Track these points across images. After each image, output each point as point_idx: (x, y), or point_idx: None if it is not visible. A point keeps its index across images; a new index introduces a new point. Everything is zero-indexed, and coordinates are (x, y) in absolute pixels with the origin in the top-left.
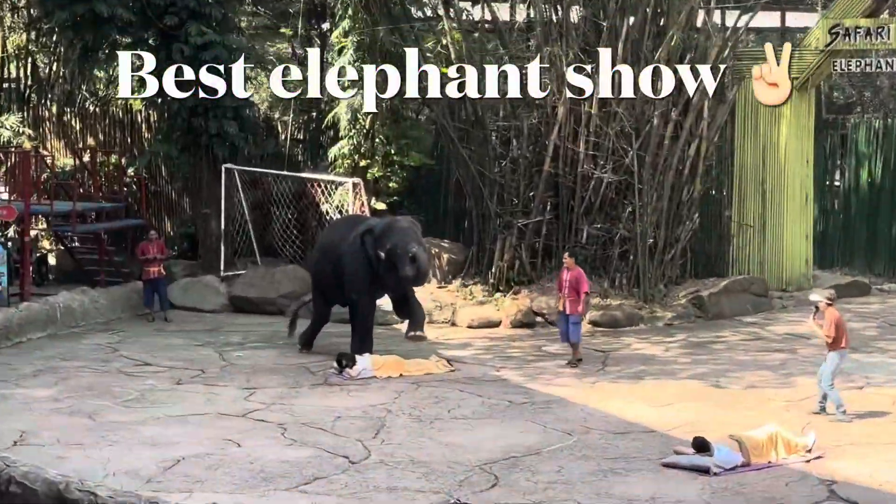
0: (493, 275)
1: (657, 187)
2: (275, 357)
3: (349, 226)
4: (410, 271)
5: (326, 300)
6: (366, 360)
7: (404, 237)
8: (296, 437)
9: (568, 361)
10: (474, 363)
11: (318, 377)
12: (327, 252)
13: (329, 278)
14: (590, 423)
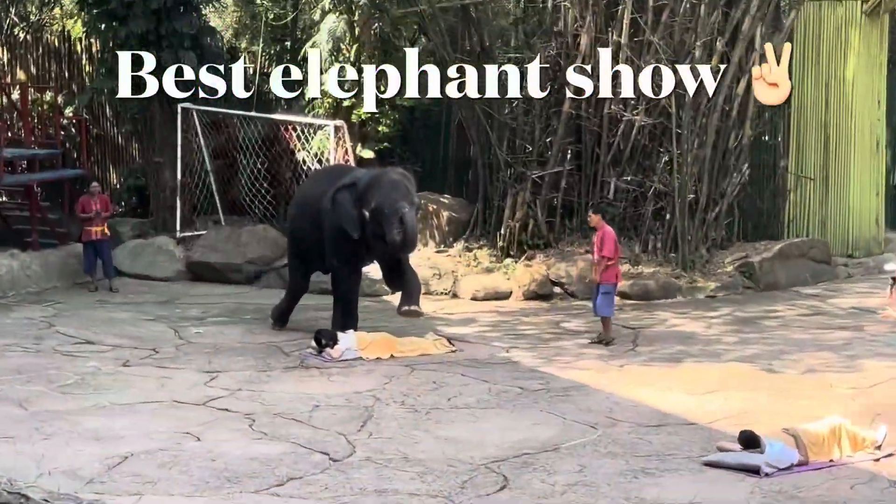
0: (502, 237)
1: (699, 132)
2: (241, 334)
3: (331, 178)
4: (398, 235)
5: (304, 267)
6: (350, 338)
7: (392, 193)
8: (266, 429)
9: (592, 339)
10: (479, 342)
11: (292, 358)
12: (305, 209)
13: (307, 241)
14: (617, 413)
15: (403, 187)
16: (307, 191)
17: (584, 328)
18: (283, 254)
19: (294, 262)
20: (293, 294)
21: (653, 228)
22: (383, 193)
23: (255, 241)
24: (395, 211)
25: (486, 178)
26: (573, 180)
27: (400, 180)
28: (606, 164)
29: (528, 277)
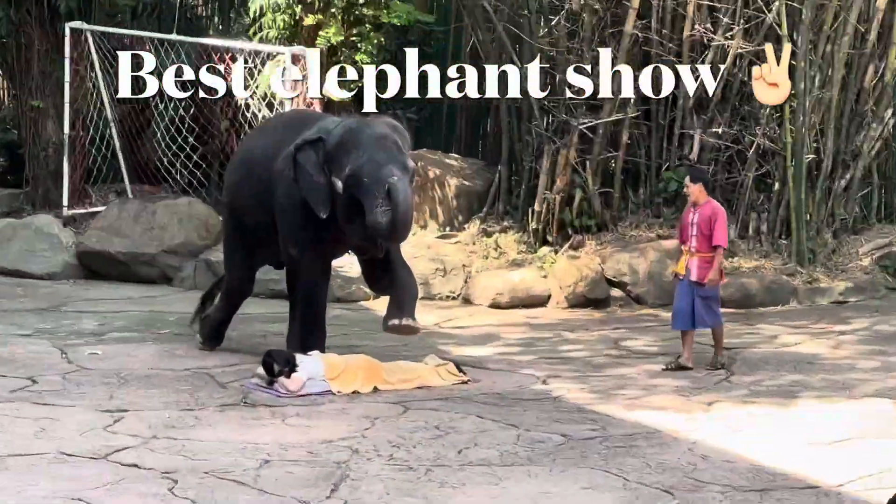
0: (535, 215)
1: (821, 64)
2: (156, 357)
3: (288, 130)
4: (382, 216)
5: (248, 258)
6: (315, 363)
7: (376, 154)
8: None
9: (670, 365)
10: (503, 369)
11: (230, 392)
12: (250, 174)
13: (252, 220)
14: (703, 472)
15: (392, 145)
16: (253, 148)
17: (655, 347)
18: (218, 239)
19: (233, 250)
20: (231, 297)
21: (754, 203)
22: (363, 154)
23: (175, 222)
24: (378, 180)
25: (512, 128)
26: (639, 133)
27: (387, 134)
28: (688, 109)
29: (573, 275)
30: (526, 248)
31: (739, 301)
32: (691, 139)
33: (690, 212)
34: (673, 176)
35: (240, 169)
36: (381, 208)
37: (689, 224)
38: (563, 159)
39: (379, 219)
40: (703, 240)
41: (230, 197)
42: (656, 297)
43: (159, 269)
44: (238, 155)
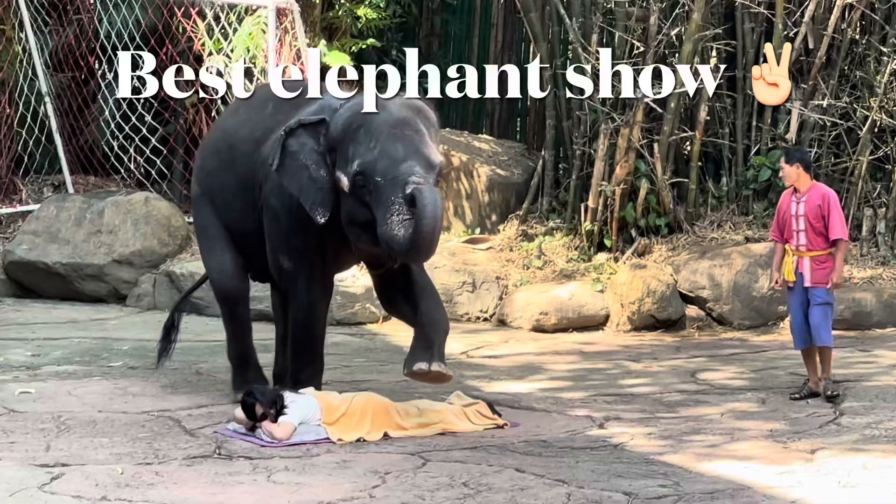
0: (589, 213)
1: None
2: (106, 396)
3: (279, 108)
4: (399, 230)
5: (234, 252)
6: (308, 403)
7: (394, 146)
8: None
9: (800, 392)
10: (547, 409)
11: (201, 441)
12: (233, 161)
13: (234, 218)
14: None
15: (413, 133)
16: (236, 127)
17: (743, 381)
18: (184, 245)
19: (213, 247)
20: (231, 310)
21: (869, 196)
22: (376, 144)
23: (129, 224)
24: (396, 181)
25: (558, 104)
26: (722, 107)
27: (408, 119)
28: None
29: (638, 289)
30: (577, 255)
31: (850, 321)
32: (788, 114)
33: (791, 201)
34: (765, 161)
35: (217, 154)
36: (397, 218)
37: (793, 217)
38: (625, 141)
39: (395, 232)
40: (815, 235)
41: (203, 188)
42: (744, 316)
43: (109, 284)
44: (215, 136)
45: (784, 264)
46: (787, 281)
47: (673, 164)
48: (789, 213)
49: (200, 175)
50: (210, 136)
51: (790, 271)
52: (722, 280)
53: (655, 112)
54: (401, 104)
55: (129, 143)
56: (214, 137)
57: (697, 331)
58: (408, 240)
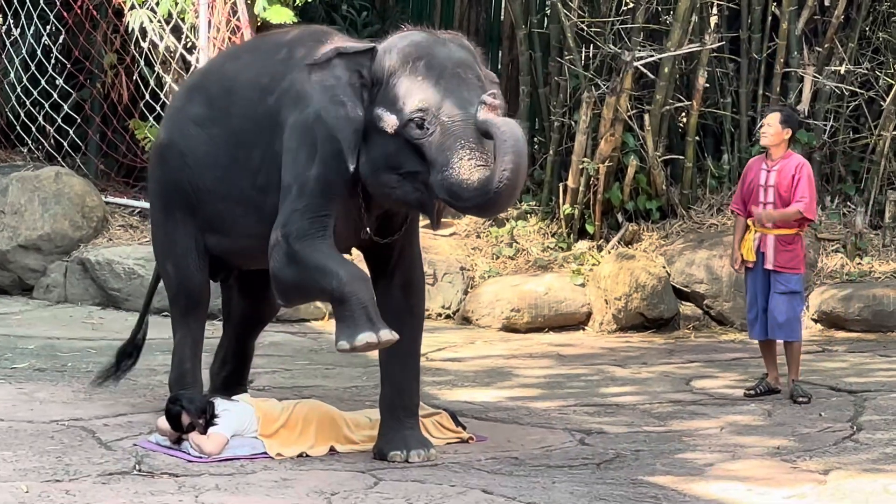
0: (568, 194)
1: None
2: (9, 403)
3: (296, 53)
4: (475, 174)
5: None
6: (243, 412)
7: (459, 87)
8: None
9: (757, 387)
10: (519, 420)
11: (118, 455)
12: (228, 109)
13: (216, 180)
14: None
15: (477, 79)
16: (232, 71)
17: (743, 388)
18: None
19: (174, 236)
20: (186, 311)
21: (892, 177)
22: (443, 82)
23: (36, 204)
24: (468, 123)
25: (534, 65)
26: (723, 72)
27: (470, 62)
28: (796, 36)
29: (625, 283)
30: (555, 242)
31: (870, 321)
32: (800, 82)
33: (761, 169)
34: None
35: (207, 100)
36: (469, 162)
37: (761, 187)
38: (611, 111)
39: (466, 177)
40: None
41: (176, 140)
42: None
43: (13, 273)
44: (205, 79)
45: (744, 241)
46: (746, 260)
47: (666, 139)
48: (757, 181)
49: (177, 124)
50: (197, 79)
51: (750, 249)
52: (722, 273)
53: (646, 78)
54: (458, 44)
55: (38, 109)
56: (205, 81)
57: (693, 331)
58: (483, 186)
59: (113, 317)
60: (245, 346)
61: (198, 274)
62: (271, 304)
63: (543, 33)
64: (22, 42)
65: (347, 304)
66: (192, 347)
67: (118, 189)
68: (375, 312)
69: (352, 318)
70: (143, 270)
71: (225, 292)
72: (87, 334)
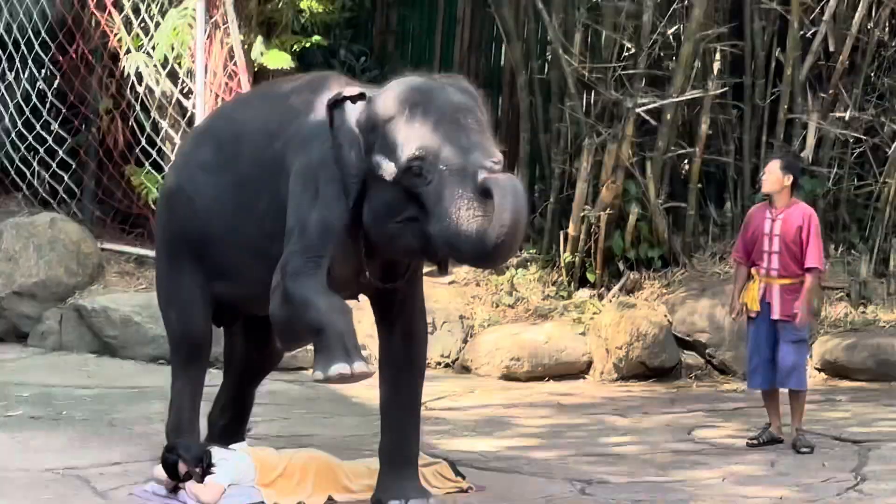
0: (569, 242)
1: None
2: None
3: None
4: (472, 227)
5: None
6: (240, 461)
7: (457, 133)
8: None
9: (760, 437)
10: (519, 470)
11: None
12: (236, 155)
13: (223, 226)
14: None
15: (478, 124)
16: (242, 118)
17: (746, 438)
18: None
19: (178, 284)
20: (187, 360)
21: None
22: (441, 129)
23: (31, 250)
24: (466, 172)
25: (534, 111)
26: (726, 119)
27: (471, 106)
28: (800, 82)
29: (626, 332)
30: (555, 291)
31: (874, 370)
32: (804, 128)
33: (765, 218)
34: None
35: (217, 146)
36: (467, 213)
37: (765, 236)
38: (613, 158)
39: (464, 229)
40: (790, 259)
41: (183, 185)
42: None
43: (7, 320)
44: (215, 125)
45: (747, 290)
46: (750, 310)
47: (668, 186)
48: (761, 230)
49: (186, 170)
50: (207, 124)
51: (754, 299)
52: (724, 322)
53: (648, 125)
54: (458, 87)
55: (33, 154)
56: (215, 127)
57: (695, 381)
58: (481, 239)
59: (109, 364)
60: (245, 395)
61: (202, 323)
62: (274, 352)
63: (544, 79)
64: (16, 86)
65: (324, 335)
66: (192, 396)
67: (114, 235)
68: (353, 344)
69: (328, 348)
70: (138, 318)
71: (227, 339)
72: (82, 382)
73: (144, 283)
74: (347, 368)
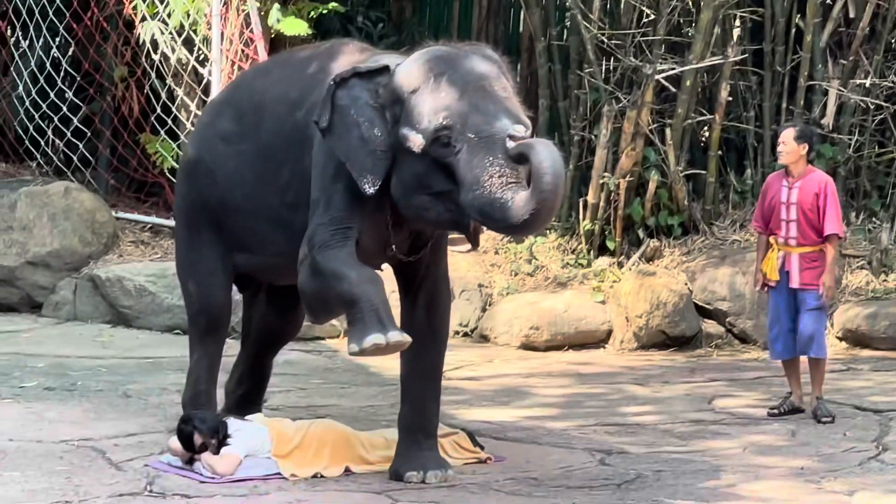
0: (588, 210)
1: None
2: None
3: (326, 68)
4: (506, 194)
5: (225, 261)
6: (257, 432)
7: (484, 101)
8: None
9: (781, 407)
10: (538, 440)
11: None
12: (257, 125)
13: (244, 196)
14: None
15: (504, 91)
16: (262, 87)
17: (766, 407)
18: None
19: (199, 254)
20: (205, 333)
21: None
22: (467, 97)
23: (45, 220)
24: (495, 138)
25: (553, 81)
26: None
27: (495, 74)
28: (820, 49)
29: (646, 300)
30: (574, 259)
31: (895, 339)
32: (824, 95)
33: (782, 186)
34: None
35: (238, 116)
36: (500, 181)
37: (782, 204)
38: (632, 125)
39: (498, 196)
40: (808, 227)
41: (204, 155)
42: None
43: (21, 290)
44: (235, 95)
45: (767, 260)
46: (769, 280)
47: (688, 153)
48: (778, 199)
49: (206, 140)
50: (227, 94)
51: (773, 268)
52: (745, 290)
53: (668, 91)
54: (481, 55)
55: (47, 123)
56: (235, 97)
57: (715, 350)
58: (518, 205)
59: (123, 335)
60: (263, 365)
61: (221, 294)
62: (295, 320)
63: (563, 46)
64: (31, 54)
65: (357, 307)
66: (209, 368)
67: (129, 204)
68: (387, 314)
69: (361, 320)
70: (153, 287)
71: (246, 308)
72: (97, 352)
73: (160, 253)
74: (382, 339)
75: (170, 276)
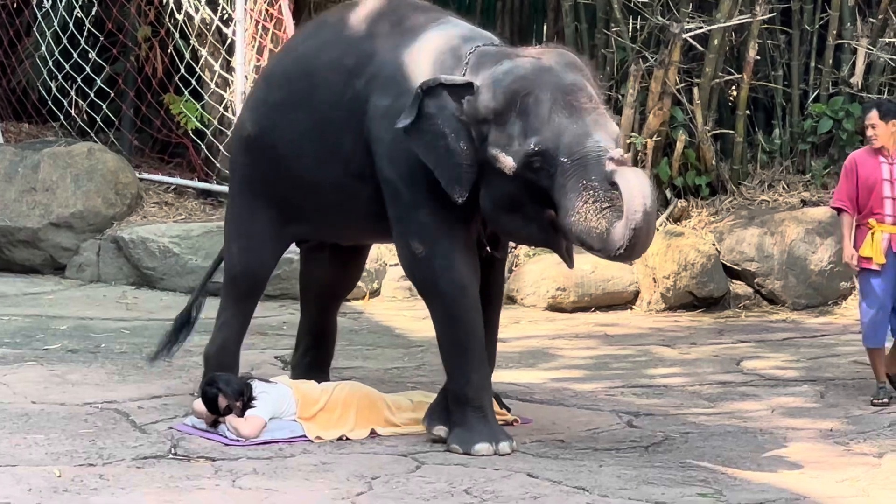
0: None
1: None
2: (42, 385)
3: (382, 30)
4: (601, 223)
5: (276, 228)
6: (282, 395)
7: (573, 119)
8: None
9: (883, 397)
10: (564, 402)
11: (153, 438)
12: (309, 94)
13: (303, 169)
14: None
15: (591, 101)
16: (309, 52)
17: (795, 370)
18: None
19: (249, 217)
20: (241, 294)
21: None
22: (555, 117)
23: (69, 181)
24: (588, 162)
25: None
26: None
27: (581, 84)
28: (849, 7)
29: (674, 261)
30: None
31: None
32: (853, 54)
33: (880, 163)
34: (825, 110)
35: (287, 84)
36: (594, 206)
37: (885, 181)
38: (659, 85)
39: (594, 225)
40: None
41: (259, 127)
42: (799, 294)
43: (44, 251)
44: (283, 62)
45: (870, 241)
46: (874, 263)
47: (716, 113)
48: (877, 176)
49: (258, 110)
50: (276, 62)
51: (879, 251)
52: (773, 251)
53: (695, 50)
54: (564, 63)
55: (70, 83)
56: (283, 64)
57: (743, 311)
58: (612, 237)
59: (147, 296)
60: (328, 324)
61: (269, 263)
62: (356, 274)
63: (589, 4)
64: (53, 14)
65: (465, 408)
66: (239, 329)
67: (152, 165)
68: (493, 417)
69: (468, 423)
70: (178, 248)
71: (304, 265)
72: (120, 314)
73: (183, 214)
74: (491, 449)
75: (194, 237)
